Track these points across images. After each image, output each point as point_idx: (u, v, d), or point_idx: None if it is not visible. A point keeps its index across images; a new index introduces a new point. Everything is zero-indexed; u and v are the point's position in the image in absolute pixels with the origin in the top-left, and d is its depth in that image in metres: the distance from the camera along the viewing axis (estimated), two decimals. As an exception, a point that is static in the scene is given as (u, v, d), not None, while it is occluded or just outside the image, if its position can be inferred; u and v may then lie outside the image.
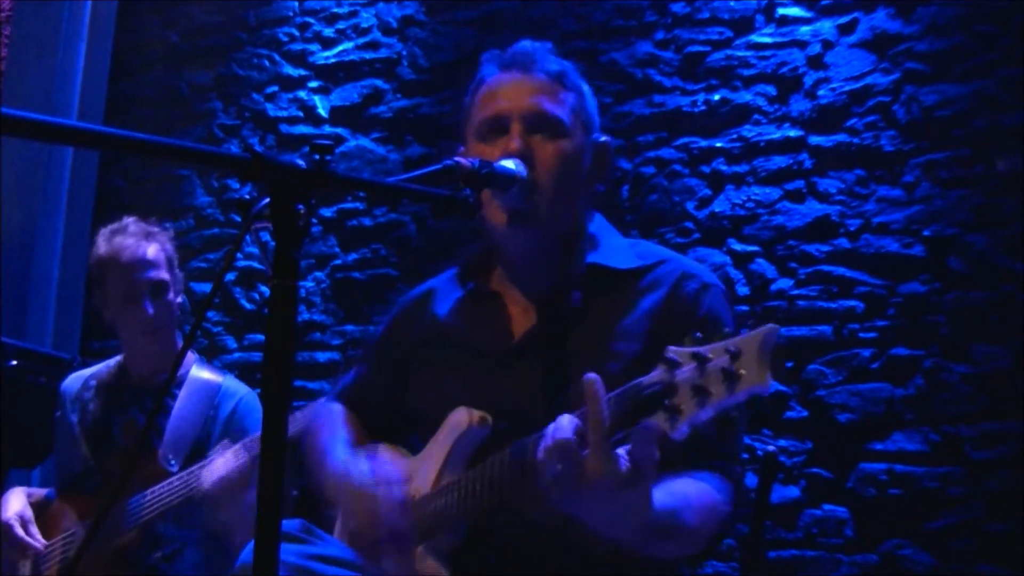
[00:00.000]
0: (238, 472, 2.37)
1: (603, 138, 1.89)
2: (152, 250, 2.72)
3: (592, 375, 1.40)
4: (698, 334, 1.34)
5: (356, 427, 2.02)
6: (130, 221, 2.79)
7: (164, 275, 2.72)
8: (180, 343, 2.83)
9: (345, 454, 1.88)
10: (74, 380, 2.90)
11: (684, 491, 1.57)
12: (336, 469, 1.82)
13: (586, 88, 1.88)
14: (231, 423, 2.70)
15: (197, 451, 2.59)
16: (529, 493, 1.55)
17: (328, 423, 2.03)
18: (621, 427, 1.38)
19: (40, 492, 2.78)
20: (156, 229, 2.79)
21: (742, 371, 1.26)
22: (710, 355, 1.29)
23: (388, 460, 1.81)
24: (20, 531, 2.61)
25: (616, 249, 1.84)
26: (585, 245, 1.84)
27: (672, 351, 1.34)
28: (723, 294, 1.79)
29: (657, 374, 1.35)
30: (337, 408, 2.07)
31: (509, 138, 1.77)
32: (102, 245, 2.73)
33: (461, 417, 1.76)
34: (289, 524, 1.69)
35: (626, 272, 1.79)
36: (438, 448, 1.79)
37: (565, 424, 1.43)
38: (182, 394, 2.71)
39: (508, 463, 1.60)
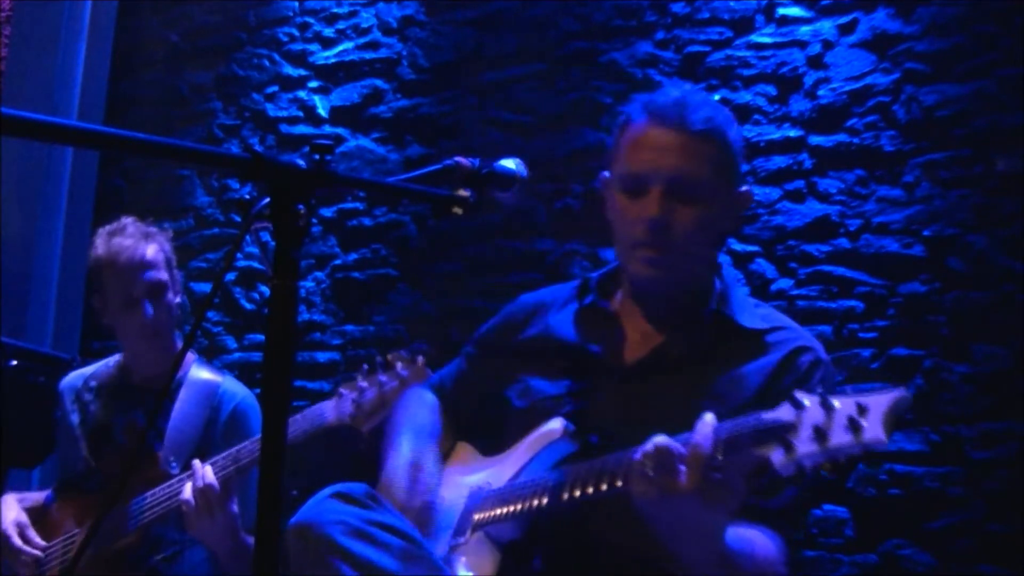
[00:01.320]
0: (209, 493, 2.34)
1: (744, 188, 1.93)
2: (151, 251, 2.71)
3: (710, 413, 1.49)
4: (820, 388, 1.39)
5: (445, 420, 2.09)
6: (128, 221, 2.78)
7: (163, 276, 2.71)
8: (180, 344, 2.82)
9: (409, 440, 1.96)
10: (74, 379, 2.89)
11: (751, 539, 1.64)
12: (388, 459, 1.93)
13: (733, 136, 1.89)
14: (231, 425, 2.69)
15: (198, 453, 2.58)
16: (599, 502, 1.61)
17: (416, 408, 2.10)
18: (731, 451, 1.43)
19: (37, 496, 2.77)
20: (154, 229, 2.79)
21: (865, 423, 1.31)
22: (836, 404, 1.34)
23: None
24: (18, 540, 2.60)
25: (743, 306, 1.91)
26: (713, 292, 1.90)
27: (800, 393, 1.39)
28: (832, 373, 1.88)
29: (781, 411, 1.40)
30: (430, 398, 2.14)
31: (648, 201, 1.81)
32: (100, 247, 2.72)
33: (556, 426, 1.81)
34: (354, 487, 1.73)
35: (750, 330, 1.85)
36: (524, 449, 1.84)
37: (666, 439, 1.50)
38: (182, 395, 2.70)
39: (587, 469, 1.65)
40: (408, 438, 1.98)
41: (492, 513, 1.78)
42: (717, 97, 3.33)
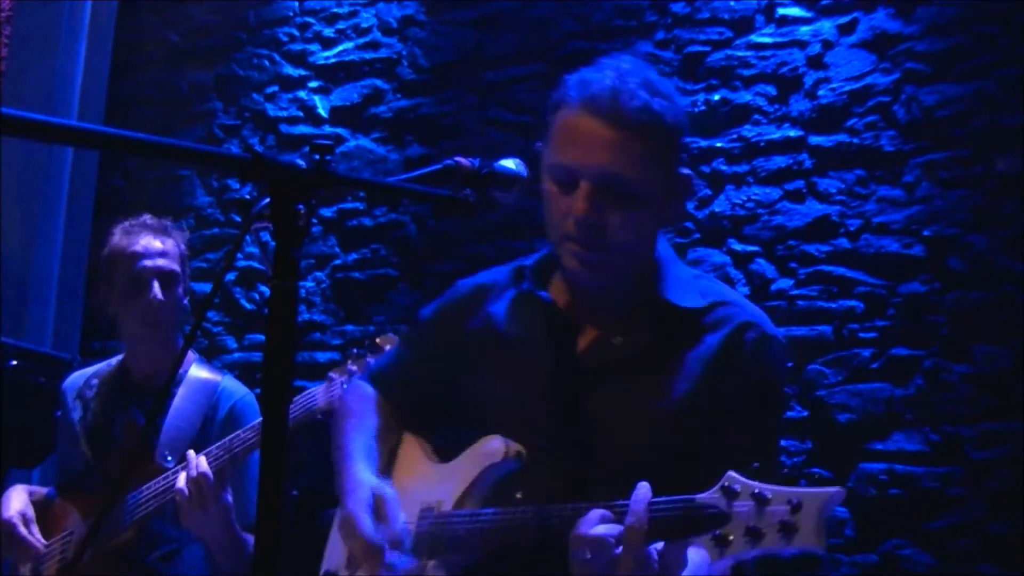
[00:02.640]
0: (203, 483, 2.35)
1: (684, 171, 1.79)
2: (168, 243, 2.74)
3: (645, 484, 1.44)
4: (756, 464, 1.37)
5: (386, 416, 2.01)
6: (147, 216, 2.81)
7: (175, 267, 2.73)
8: (181, 343, 2.82)
9: (366, 470, 1.85)
10: (76, 378, 2.89)
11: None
12: (350, 492, 1.81)
13: (672, 118, 1.73)
14: (228, 423, 2.69)
15: (194, 450, 2.59)
16: (548, 557, 1.58)
17: (359, 410, 2.01)
18: (663, 535, 1.42)
19: (42, 491, 2.78)
20: (172, 226, 2.82)
21: (799, 525, 1.29)
22: (770, 498, 1.32)
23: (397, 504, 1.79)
24: (22, 529, 2.61)
25: (681, 283, 1.80)
26: (652, 277, 1.80)
27: (732, 479, 1.36)
28: (781, 346, 1.79)
29: (713, 497, 1.37)
30: (369, 393, 2.04)
31: (578, 197, 1.70)
32: (117, 235, 2.74)
33: (497, 447, 1.76)
34: None
35: (688, 311, 1.76)
36: (467, 469, 1.80)
37: (599, 519, 1.47)
38: (180, 392, 2.71)
39: (534, 528, 1.62)
40: (365, 476, 1.85)
41: (442, 544, 1.75)
42: (717, 97, 3.33)
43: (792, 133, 3.21)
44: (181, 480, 2.36)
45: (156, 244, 2.71)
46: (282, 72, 4.20)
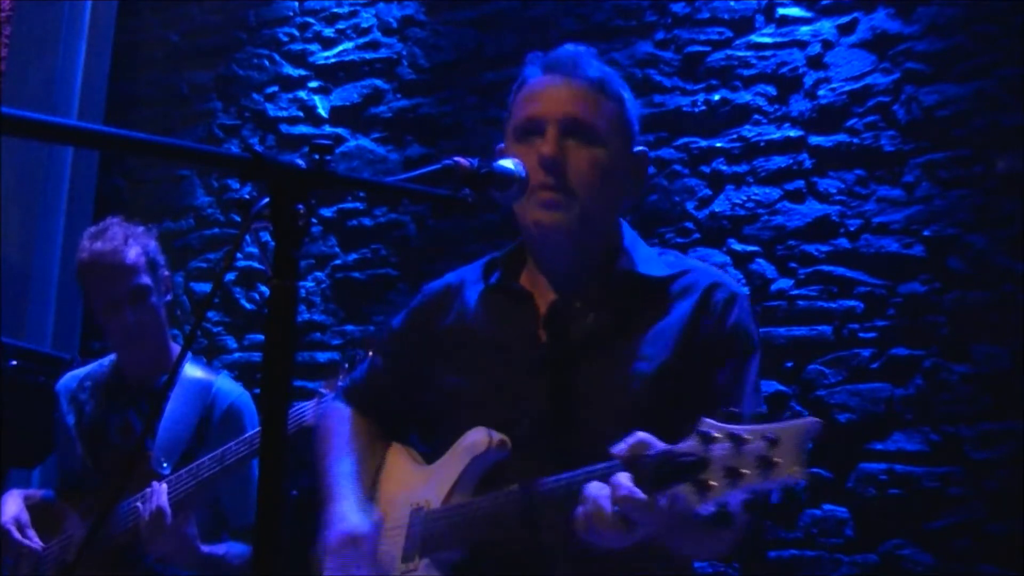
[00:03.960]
0: (159, 517, 2.34)
1: (640, 148, 1.88)
2: (132, 254, 2.64)
3: (616, 449, 1.45)
4: (733, 409, 1.36)
5: (366, 433, 2.00)
6: (113, 222, 2.72)
7: (144, 280, 2.65)
8: (172, 343, 2.79)
9: (347, 499, 1.86)
10: (69, 379, 2.86)
11: None
12: (337, 520, 1.82)
13: (628, 96, 1.87)
14: (225, 423, 2.67)
15: (190, 452, 2.58)
16: (537, 535, 1.59)
17: (339, 431, 2.00)
18: (644, 487, 1.42)
19: (38, 494, 2.77)
20: (140, 230, 2.72)
21: (778, 460, 1.28)
22: (747, 437, 1.31)
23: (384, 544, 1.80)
24: (17, 535, 2.60)
25: (646, 257, 1.85)
26: (619, 254, 1.85)
27: (708, 424, 1.36)
28: (749, 302, 1.82)
29: (690, 445, 1.37)
30: (346, 412, 2.03)
31: (543, 142, 1.77)
32: (84, 250, 2.69)
33: (479, 438, 1.75)
34: None
35: (657, 280, 1.80)
36: (452, 465, 1.79)
37: (599, 490, 1.48)
38: (175, 394, 2.66)
39: (521, 509, 1.63)
40: (345, 507, 1.86)
41: (433, 540, 1.75)
42: (717, 97, 3.33)
43: (792, 133, 3.21)
44: (143, 508, 2.36)
45: (119, 259, 2.63)
46: (282, 72, 4.20)
